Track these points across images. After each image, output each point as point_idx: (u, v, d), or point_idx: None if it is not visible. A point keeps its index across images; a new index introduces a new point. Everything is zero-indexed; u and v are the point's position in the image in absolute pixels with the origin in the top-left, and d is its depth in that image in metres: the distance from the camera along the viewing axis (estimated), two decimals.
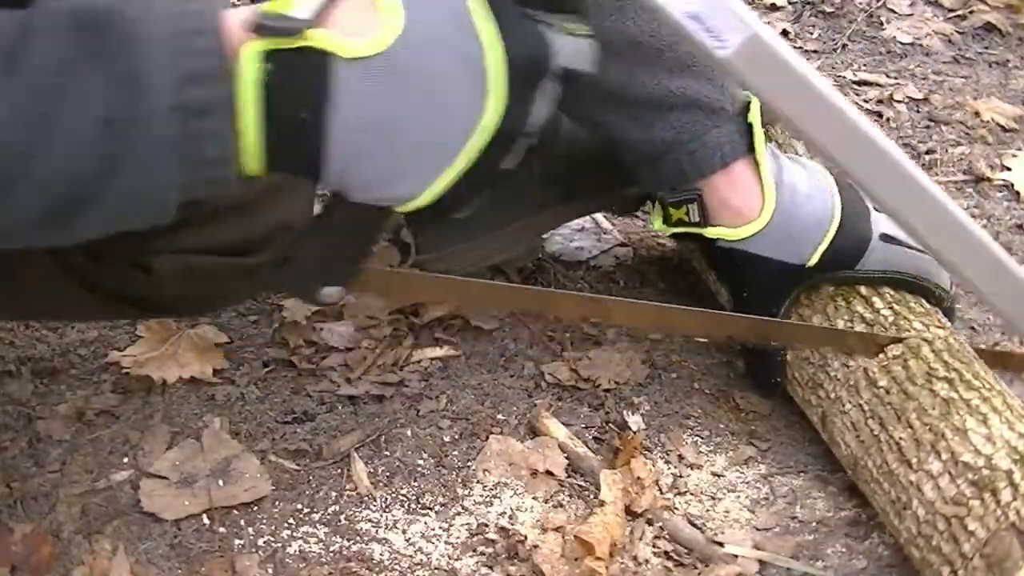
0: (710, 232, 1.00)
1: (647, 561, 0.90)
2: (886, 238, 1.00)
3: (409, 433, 1.02)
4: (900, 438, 0.89)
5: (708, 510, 0.96)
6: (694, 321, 1.00)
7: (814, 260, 0.99)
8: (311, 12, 0.57)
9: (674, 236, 1.07)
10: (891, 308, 0.99)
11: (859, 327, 0.98)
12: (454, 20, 0.59)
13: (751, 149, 0.98)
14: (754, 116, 0.98)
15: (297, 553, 0.90)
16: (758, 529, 0.94)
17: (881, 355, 0.94)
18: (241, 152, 0.59)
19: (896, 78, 1.63)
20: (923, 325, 0.96)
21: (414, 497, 0.96)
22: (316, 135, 0.58)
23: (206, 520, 0.93)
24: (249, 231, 0.83)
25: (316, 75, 0.57)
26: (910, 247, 1.00)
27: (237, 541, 0.91)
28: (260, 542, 0.91)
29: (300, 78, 0.57)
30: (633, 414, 1.04)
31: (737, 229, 0.98)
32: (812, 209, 0.99)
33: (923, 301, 1.01)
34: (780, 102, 0.67)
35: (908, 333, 0.95)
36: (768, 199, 0.97)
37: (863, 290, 1.00)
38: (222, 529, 0.92)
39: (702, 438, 1.03)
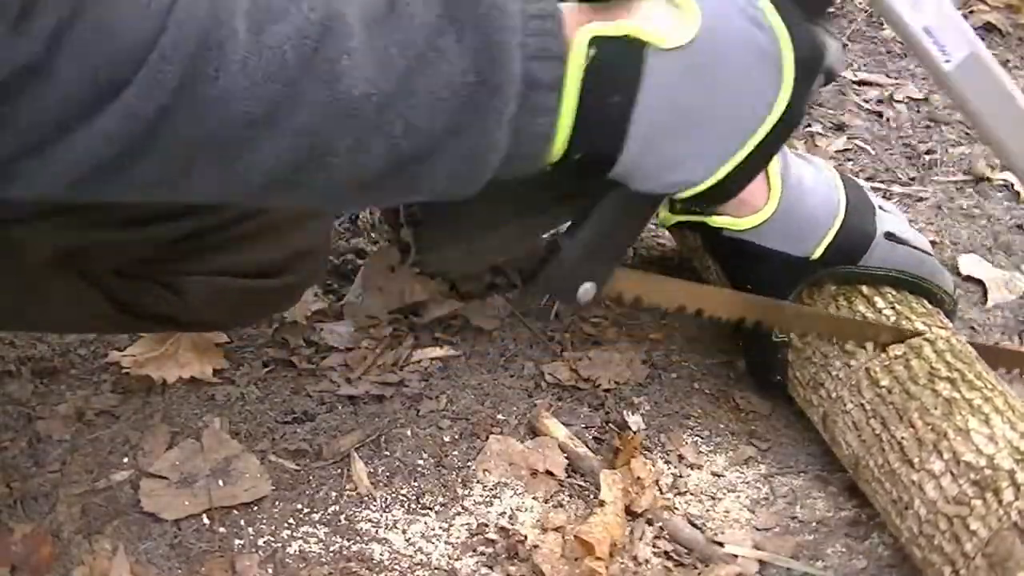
0: (715, 221, 0.99)
1: (647, 561, 0.90)
2: (890, 236, 1.00)
3: (409, 433, 1.02)
4: (902, 438, 0.89)
5: (708, 510, 0.96)
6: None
7: (818, 253, 0.99)
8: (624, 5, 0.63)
9: (677, 226, 1.06)
10: (893, 308, 0.99)
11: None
12: (748, 16, 0.65)
13: None
14: None
15: (297, 553, 0.90)
16: (758, 529, 0.94)
17: (884, 355, 0.94)
18: (547, 128, 0.62)
19: (896, 78, 1.63)
20: (925, 325, 0.96)
21: (414, 497, 0.96)
22: (623, 117, 0.63)
23: (206, 520, 0.93)
24: (274, 255, 0.87)
25: (632, 62, 0.62)
26: (914, 247, 1.01)
27: (237, 541, 0.91)
28: (260, 542, 0.91)
29: (619, 64, 0.62)
30: (633, 414, 1.04)
31: (742, 219, 0.98)
32: (817, 203, 0.99)
33: (924, 302, 1.01)
34: (990, 119, 0.72)
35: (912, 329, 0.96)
36: (774, 190, 0.97)
37: (865, 289, 1.00)
38: (222, 529, 0.92)
39: (702, 438, 1.03)
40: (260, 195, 0.62)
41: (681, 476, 0.99)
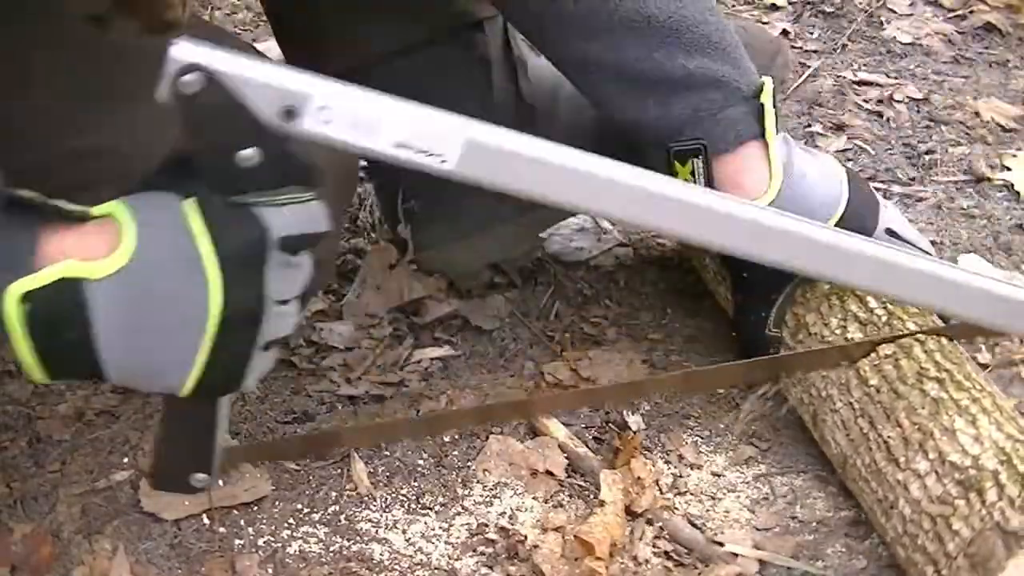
0: None
1: (647, 561, 0.90)
2: (891, 233, 1.00)
3: None
4: (888, 437, 0.89)
5: (708, 510, 0.96)
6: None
7: None
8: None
9: None
10: (885, 307, 0.99)
11: (853, 326, 0.98)
12: (173, 225, 0.65)
13: (763, 131, 0.98)
14: (767, 97, 0.98)
15: (297, 553, 0.90)
16: (758, 529, 0.94)
17: (873, 354, 0.95)
18: (27, 370, 0.66)
19: (896, 78, 1.63)
20: (916, 325, 0.97)
21: (414, 497, 0.96)
22: (88, 351, 0.65)
23: (206, 520, 0.93)
24: None
25: (72, 301, 0.64)
26: (916, 246, 1.01)
27: (237, 541, 0.91)
28: (260, 542, 0.91)
29: (60, 306, 0.64)
30: (633, 414, 1.04)
31: None
32: (818, 195, 0.99)
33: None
34: (528, 189, 0.70)
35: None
36: (775, 180, 0.97)
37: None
38: (222, 529, 0.92)
39: (702, 438, 1.03)
40: None
41: (681, 476, 0.99)
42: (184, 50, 0.62)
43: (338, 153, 0.67)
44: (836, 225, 0.97)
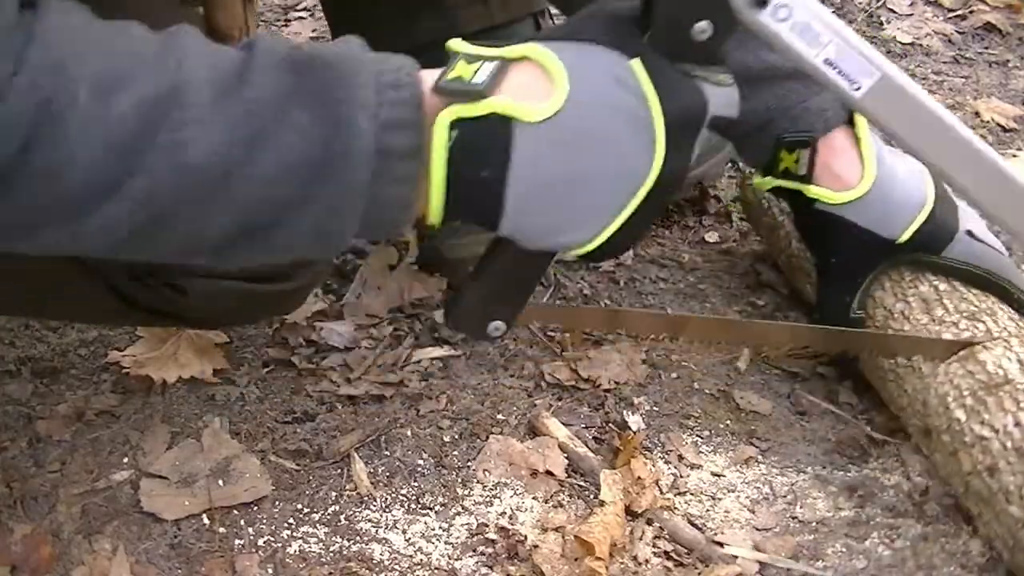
0: (811, 191, 1.02)
1: (647, 561, 0.90)
2: (970, 234, 1.03)
3: (409, 433, 1.02)
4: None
5: (708, 510, 0.96)
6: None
7: (905, 237, 1.01)
8: (488, 76, 0.63)
9: (773, 191, 1.08)
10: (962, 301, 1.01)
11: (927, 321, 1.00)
12: (617, 81, 0.64)
13: (851, 122, 1.02)
14: None
15: (297, 553, 0.90)
16: (758, 529, 0.94)
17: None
18: (426, 207, 0.64)
19: None
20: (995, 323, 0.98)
21: (414, 497, 0.96)
22: (496, 192, 0.64)
23: (206, 520, 0.93)
24: (276, 262, 0.87)
25: (498, 138, 0.62)
26: (993, 248, 1.04)
27: (237, 541, 0.91)
28: (260, 542, 0.91)
29: (484, 141, 0.62)
30: (633, 414, 1.04)
31: (838, 193, 1.01)
32: (908, 189, 1.02)
33: (992, 297, 1.03)
34: (913, 139, 0.72)
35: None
36: (868, 169, 1.00)
37: (941, 286, 1.03)
38: (222, 529, 0.92)
39: (702, 438, 1.03)
40: (108, 253, 0.62)
41: (681, 476, 0.99)
42: None
43: None
44: (923, 224, 1.01)
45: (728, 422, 1.05)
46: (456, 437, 1.02)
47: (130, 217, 0.59)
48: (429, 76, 0.64)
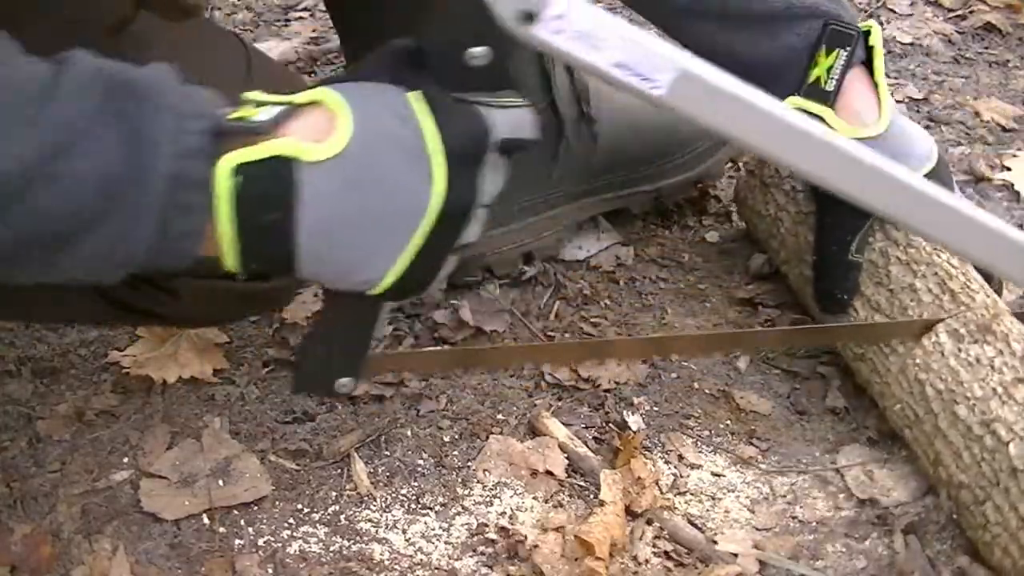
0: (832, 118, 1.01)
1: (647, 561, 0.90)
2: None
3: (409, 433, 1.02)
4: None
5: (708, 510, 0.96)
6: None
7: None
8: (269, 117, 0.63)
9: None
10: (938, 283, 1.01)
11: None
12: (397, 116, 0.65)
13: (870, 59, 1.03)
14: (876, 40, 1.02)
15: (297, 553, 0.90)
16: (758, 529, 0.94)
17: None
18: (220, 252, 0.64)
19: (896, 78, 1.63)
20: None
21: (414, 497, 0.96)
22: (286, 235, 0.64)
23: (206, 520, 0.93)
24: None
25: (281, 181, 0.62)
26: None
27: (237, 541, 0.91)
28: (260, 542, 0.91)
29: (267, 185, 0.62)
30: (633, 414, 1.04)
31: (855, 128, 1.01)
32: (916, 140, 1.04)
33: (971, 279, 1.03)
34: (728, 128, 0.70)
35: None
36: (885, 111, 1.01)
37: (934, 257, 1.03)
38: (222, 529, 0.92)
39: (702, 438, 1.03)
40: None
41: (681, 476, 0.99)
42: None
43: None
44: (931, 171, 1.03)
45: (728, 422, 1.05)
46: (456, 437, 1.02)
47: None
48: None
